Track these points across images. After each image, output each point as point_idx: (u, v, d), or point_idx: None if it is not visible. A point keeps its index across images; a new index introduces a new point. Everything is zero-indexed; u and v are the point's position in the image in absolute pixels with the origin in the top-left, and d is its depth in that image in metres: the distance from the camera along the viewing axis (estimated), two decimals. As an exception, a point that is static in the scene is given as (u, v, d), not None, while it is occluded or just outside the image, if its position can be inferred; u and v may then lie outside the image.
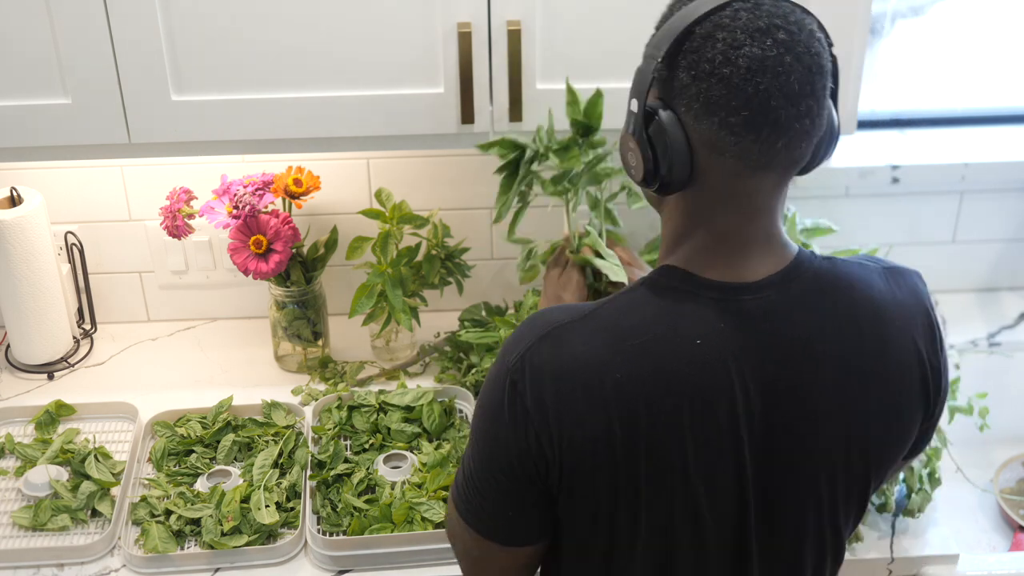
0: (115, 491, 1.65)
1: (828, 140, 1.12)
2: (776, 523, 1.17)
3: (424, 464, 1.68)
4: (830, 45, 1.09)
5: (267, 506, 1.59)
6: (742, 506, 1.14)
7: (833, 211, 2.04)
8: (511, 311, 1.95)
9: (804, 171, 1.15)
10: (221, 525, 1.56)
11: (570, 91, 1.52)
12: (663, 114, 1.08)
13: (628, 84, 1.55)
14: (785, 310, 1.12)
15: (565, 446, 1.09)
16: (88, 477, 1.65)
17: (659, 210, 1.20)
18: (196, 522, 1.58)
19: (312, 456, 1.68)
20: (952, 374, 1.89)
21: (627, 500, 1.11)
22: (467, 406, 1.81)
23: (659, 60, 1.07)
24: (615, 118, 1.59)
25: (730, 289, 1.11)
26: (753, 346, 1.10)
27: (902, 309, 1.17)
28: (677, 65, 1.07)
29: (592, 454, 1.09)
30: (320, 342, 1.93)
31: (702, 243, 1.13)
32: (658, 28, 1.11)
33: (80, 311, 2.02)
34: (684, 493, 1.11)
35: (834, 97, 1.12)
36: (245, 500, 1.60)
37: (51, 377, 1.93)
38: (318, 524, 1.60)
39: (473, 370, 1.85)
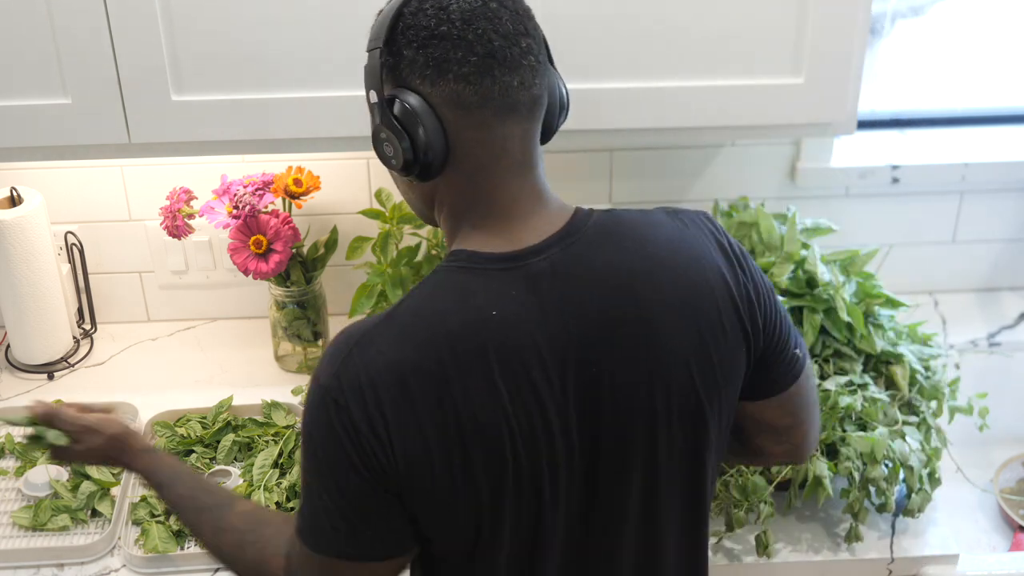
0: (115, 491, 1.65)
1: (560, 108, 1.19)
2: (620, 474, 1.16)
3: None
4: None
5: (267, 506, 1.58)
6: (579, 465, 1.14)
7: (833, 211, 2.04)
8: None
9: (546, 136, 1.19)
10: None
11: None
12: (402, 92, 1.12)
13: (628, 84, 1.57)
14: (573, 262, 1.13)
15: (398, 451, 1.09)
16: (88, 477, 1.65)
17: (430, 212, 1.21)
18: (196, 522, 1.58)
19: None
20: (952, 374, 1.89)
21: (470, 490, 1.11)
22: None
23: (381, 46, 1.12)
24: (616, 118, 1.59)
25: (514, 257, 1.13)
26: (550, 304, 1.11)
27: (693, 240, 1.18)
28: (399, 45, 1.11)
29: (423, 451, 1.09)
30: (320, 342, 1.93)
31: (477, 218, 1.15)
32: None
33: (80, 311, 2.02)
34: (517, 466, 1.11)
35: (551, 61, 1.19)
36: (245, 500, 1.60)
37: (51, 377, 1.93)
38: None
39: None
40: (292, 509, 1.61)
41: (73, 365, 1.96)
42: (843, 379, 1.63)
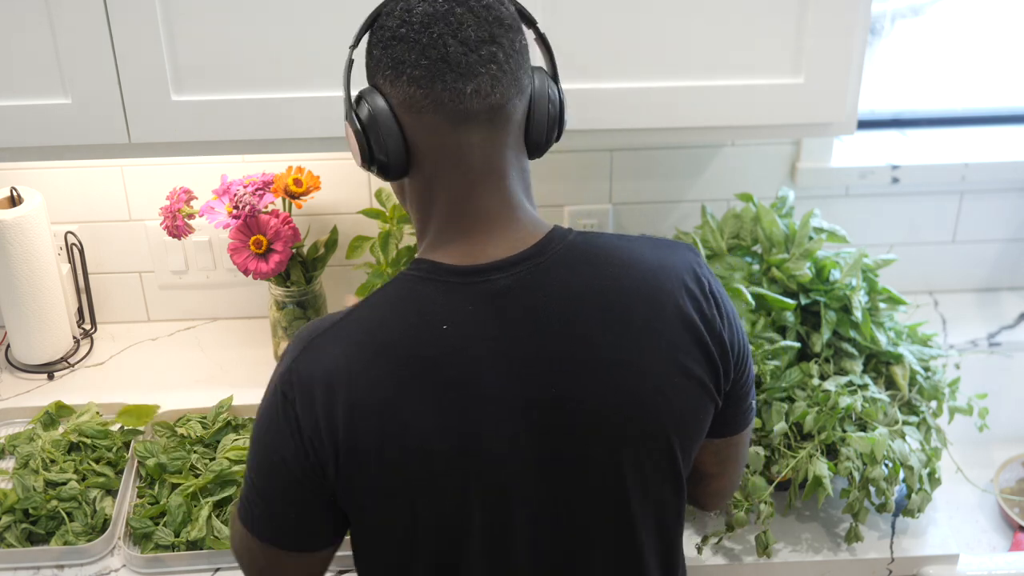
0: (115, 491, 1.65)
1: (552, 120, 1.18)
2: (571, 504, 1.15)
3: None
4: (533, 23, 1.19)
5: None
6: (538, 485, 1.13)
7: (833, 211, 2.04)
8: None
9: (536, 151, 1.19)
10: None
11: None
12: (367, 91, 1.15)
13: (628, 84, 1.57)
14: (538, 282, 1.12)
15: (339, 452, 1.10)
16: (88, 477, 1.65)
17: (407, 209, 1.23)
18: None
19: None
20: (952, 374, 1.89)
21: (403, 497, 1.11)
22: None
23: (355, 45, 1.16)
24: (616, 118, 1.59)
25: (475, 271, 1.12)
26: (507, 325, 1.11)
27: (667, 273, 1.16)
28: (371, 44, 1.15)
29: (362, 456, 1.09)
30: (320, 342, 1.93)
31: (440, 227, 1.15)
32: None
33: (80, 311, 2.02)
34: (460, 479, 1.11)
35: (555, 79, 1.20)
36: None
37: (51, 377, 1.93)
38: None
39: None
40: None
41: (73, 365, 1.96)
42: (843, 379, 1.63)
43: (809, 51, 1.56)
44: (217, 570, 1.55)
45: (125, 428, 1.75)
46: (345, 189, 1.95)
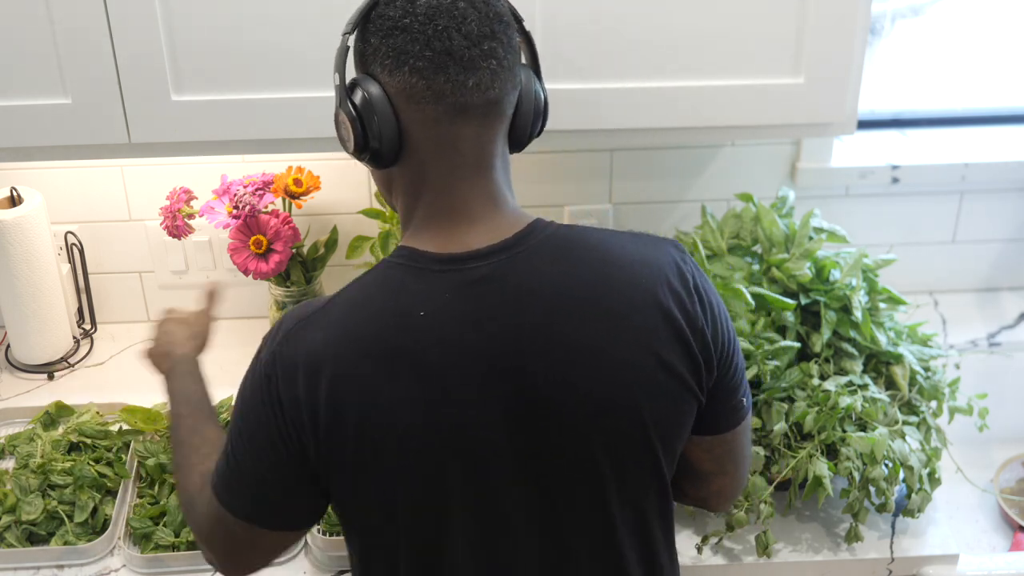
0: (115, 492, 1.65)
1: (536, 116, 1.20)
2: (551, 492, 1.16)
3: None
4: (519, 20, 1.19)
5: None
6: (511, 473, 1.14)
7: (833, 211, 2.04)
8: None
9: (517, 145, 1.20)
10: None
11: None
12: (362, 78, 1.15)
13: (628, 84, 1.57)
14: (515, 272, 1.13)
15: (320, 434, 1.11)
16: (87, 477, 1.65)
17: (390, 198, 1.24)
18: (196, 522, 1.58)
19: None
20: (952, 374, 1.89)
21: (383, 482, 1.13)
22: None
23: (351, 32, 1.16)
24: (616, 118, 1.59)
25: (454, 260, 1.14)
26: (483, 311, 1.12)
27: (649, 268, 1.16)
28: (367, 32, 1.15)
29: (342, 439, 1.11)
30: (320, 342, 1.93)
31: (425, 215, 1.17)
32: None
33: (80, 311, 2.02)
34: (438, 467, 1.12)
35: (537, 75, 1.22)
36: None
37: (51, 377, 1.93)
38: (318, 524, 1.60)
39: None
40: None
41: (73, 365, 1.96)
42: (843, 379, 1.63)
43: (809, 51, 1.56)
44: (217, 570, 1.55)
45: (125, 428, 1.75)
46: (345, 189, 1.96)
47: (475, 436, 1.12)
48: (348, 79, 1.17)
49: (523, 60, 1.22)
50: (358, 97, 1.15)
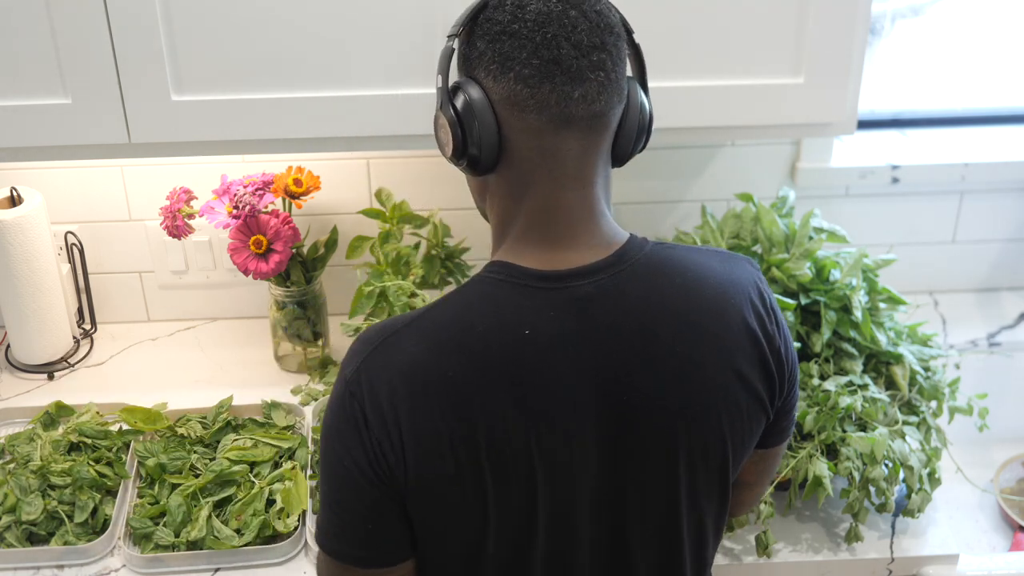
0: (115, 492, 1.65)
1: (640, 131, 1.18)
2: (631, 507, 1.16)
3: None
4: (629, 32, 1.16)
5: (267, 506, 1.59)
6: (595, 487, 1.14)
7: (833, 211, 2.04)
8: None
9: (619, 160, 1.18)
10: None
11: None
12: (465, 82, 1.12)
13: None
14: (617, 293, 1.12)
15: (408, 451, 1.09)
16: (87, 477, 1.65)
17: (484, 207, 1.22)
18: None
19: (312, 456, 1.68)
20: (952, 374, 1.89)
21: (475, 499, 1.11)
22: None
23: (457, 35, 1.13)
24: (615, 118, 1.59)
25: (557, 277, 1.12)
26: (587, 331, 1.10)
27: (736, 288, 1.17)
28: (474, 35, 1.12)
29: (434, 456, 1.09)
30: (320, 342, 1.93)
31: (524, 228, 1.14)
32: None
33: (80, 311, 2.02)
34: (531, 483, 1.11)
35: (644, 88, 1.19)
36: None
37: (51, 377, 1.93)
38: (318, 524, 1.60)
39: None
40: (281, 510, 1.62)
41: (73, 365, 1.96)
42: (843, 379, 1.63)
43: (809, 51, 1.56)
44: (217, 570, 1.55)
45: (125, 428, 1.75)
46: (345, 189, 1.96)
47: (569, 457, 1.11)
48: (451, 82, 1.15)
49: (630, 72, 1.19)
50: (460, 101, 1.12)
